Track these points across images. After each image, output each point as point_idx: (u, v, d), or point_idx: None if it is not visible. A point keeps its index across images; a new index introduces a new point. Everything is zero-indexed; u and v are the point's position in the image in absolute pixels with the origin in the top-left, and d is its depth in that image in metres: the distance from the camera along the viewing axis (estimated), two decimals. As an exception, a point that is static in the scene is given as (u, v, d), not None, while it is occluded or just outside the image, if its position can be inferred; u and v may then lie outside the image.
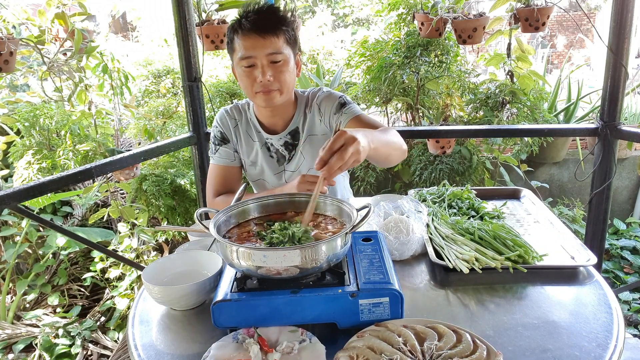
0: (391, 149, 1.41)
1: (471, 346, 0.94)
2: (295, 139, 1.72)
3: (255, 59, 1.51)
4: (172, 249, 3.40)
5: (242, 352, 0.98)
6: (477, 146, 3.47)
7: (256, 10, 1.52)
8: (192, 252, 1.32)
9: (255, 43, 1.49)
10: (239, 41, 1.52)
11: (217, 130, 1.76)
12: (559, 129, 3.29)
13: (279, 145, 1.73)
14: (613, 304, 1.14)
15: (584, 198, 3.89)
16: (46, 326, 2.94)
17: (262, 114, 1.72)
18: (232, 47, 1.57)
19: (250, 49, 1.50)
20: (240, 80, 1.59)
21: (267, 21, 1.50)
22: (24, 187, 1.88)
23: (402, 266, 1.36)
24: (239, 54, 1.52)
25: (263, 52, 1.50)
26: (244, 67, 1.53)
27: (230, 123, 1.75)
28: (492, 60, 2.99)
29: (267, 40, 1.49)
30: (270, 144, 1.73)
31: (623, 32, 2.17)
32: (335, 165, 1.08)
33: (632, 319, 2.98)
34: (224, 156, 1.75)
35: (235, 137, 1.75)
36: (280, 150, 1.73)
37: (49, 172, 3.09)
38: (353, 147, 1.09)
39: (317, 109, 1.70)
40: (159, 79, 3.97)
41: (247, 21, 1.50)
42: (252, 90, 1.56)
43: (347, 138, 1.10)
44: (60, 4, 2.69)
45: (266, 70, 1.51)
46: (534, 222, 1.61)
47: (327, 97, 1.69)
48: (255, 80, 1.53)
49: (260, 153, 1.74)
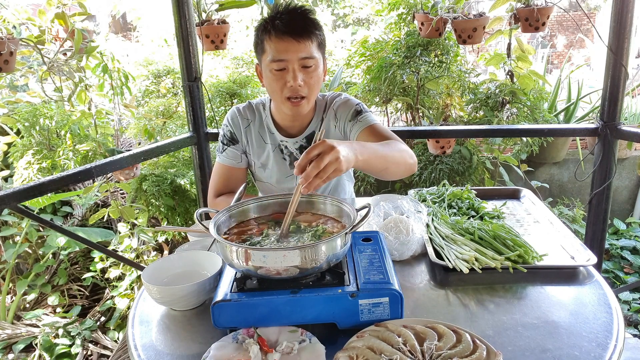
0: (389, 162, 1.38)
1: (471, 346, 0.94)
2: (310, 143, 1.66)
3: (287, 62, 1.46)
4: (172, 249, 3.40)
5: (242, 352, 0.98)
6: (477, 146, 3.47)
7: (289, 11, 1.47)
8: (192, 252, 1.32)
9: (289, 46, 1.44)
10: (271, 43, 1.46)
11: (227, 129, 1.73)
12: (559, 129, 3.29)
13: (293, 149, 1.70)
14: (613, 304, 1.14)
15: (584, 198, 3.89)
16: (46, 326, 2.94)
17: (281, 117, 1.67)
18: (261, 48, 1.51)
19: (283, 52, 1.45)
20: (268, 82, 1.53)
21: (301, 24, 1.46)
22: (24, 187, 1.88)
23: (402, 266, 1.36)
24: (269, 56, 1.47)
25: (296, 56, 1.45)
26: (274, 70, 1.48)
27: (242, 123, 1.71)
28: (492, 60, 2.99)
29: (301, 44, 1.45)
30: (284, 147, 1.70)
31: (623, 32, 2.17)
32: (311, 172, 1.06)
33: (632, 319, 2.98)
34: (230, 157, 1.72)
35: (246, 138, 1.72)
36: (295, 154, 1.70)
37: (49, 172, 3.09)
38: (331, 156, 1.06)
39: (333, 115, 1.67)
40: (159, 79, 3.97)
41: (280, 23, 1.44)
42: (281, 94, 1.51)
43: (325, 147, 1.07)
44: (60, 4, 2.69)
45: (297, 75, 1.47)
46: (534, 222, 1.61)
47: (344, 103, 1.66)
48: (285, 85, 1.48)
49: (272, 155, 1.71)
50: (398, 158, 1.41)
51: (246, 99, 3.56)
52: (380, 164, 1.34)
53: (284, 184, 1.75)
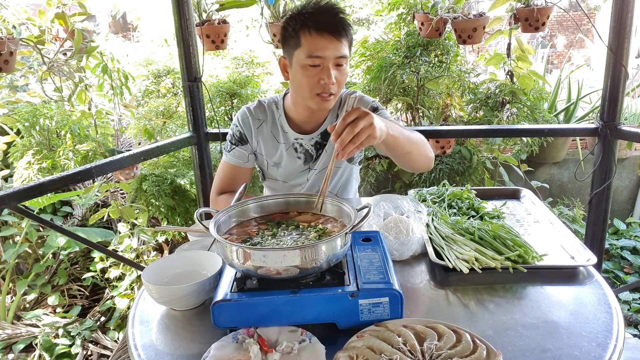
0: (413, 147, 1.44)
1: (471, 346, 0.94)
2: (324, 139, 1.71)
3: (324, 60, 1.46)
4: (172, 249, 3.40)
5: (242, 352, 0.98)
6: (477, 146, 3.47)
7: (327, 8, 1.48)
8: (192, 252, 1.32)
9: (329, 44, 1.45)
10: (310, 38, 1.45)
11: (236, 129, 1.73)
12: (559, 129, 3.29)
13: (309, 146, 1.71)
14: (613, 304, 1.14)
15: (584, 198, 3.89)
16: (46, 326, 2.94)
17: (298, 114, 1.67)
18: (296, 42, 1.48)
19: (323, 49, 1.45)
20: (297, 76, 1.52)
21: (339, 23, 1.46)
22: (24, 187, 1.88)
23: (402, 266, 1.36)
24: (305, 51, 1.46)
25: (333, 54, 1.46)
26: (309, 66, 1.47)
27: (253, 123, 1.71)
28: (492, 60, 2.99)
29: (339, 43, 1.46)
30: (299, 145, 1.71)
31: (623, 32, 2.17)
32: (346, 137, 1.10)
33: (632, 319, 2.98)
34: (237, 156, 1.73)
35: (257, 139, 1.72)
36: (310, 150, 1.71)
37: (49, 172, 3.09)
38: (365, 121, 1.12)
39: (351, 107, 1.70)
40: (159, 79, 3.97)
41: (321, 19, 1.45)
42: (311, 90, 1.51)
43: (360, 112, 1.12)
44: (60, 4, 2.69)
45: (332, 74, 1.47)
46: (534, 222, 1.61)
47: (360, 100, 1.70)
48: (318, 82, 1.48)
49: (286, 154, 1.72)
50: (421, 146, 1.48)
51: (246, 99, 3.56)
52: (406, 146, 1.40)
53: (294, 179, 1.76)
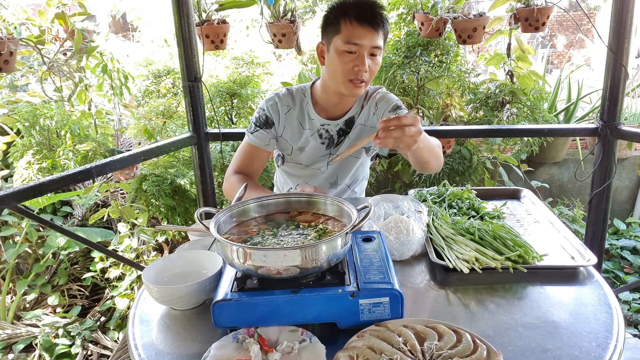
0: (432, 156, 1.56)
1: (471, 346, 0.94)
2: (349, 127, 1.80)
3: (360, 48, 1.56)
4: (172, 249, 3.40)
5: (242, 351, 0.98)
6: (477, 146, 3.47)
7: (368, 1, 1.58)
8: (192, 252, 1.32)
9: (367, 34, 1.55)
10: (350, 26, 1.55)
11: (262, 113, 1.79)
12: (559, 129, 3.29)
13: (334, 132, 1.79)
14: (613, 304, 1.14)
15: (584, 198, 3.89)
16: (46, 326, 2.94)
17: (327, 100, 1.76)
18: (336, 28, 1.58)
19: (360, 38, 1.54)
20: (333, 62, 1.61)
21: (379, 15, 1.56)
22: (24, 187, 1.88)
23: (402, 266, 1.36)
24: (343, 37, 1.56)
25: (370, 43, 1.56)
26: (345, 52, 1.57)
27: (282, 110, 1.78)
28: (492, 60, 2.99)
29: (376, 34, 1.56)
30: (325, 130, 1.79)
31: (623, 32, 2.17)
32: (394, 132, 1.22)
33: (632, 319, 2.99)
34: (260, 138, 1.78)
35: (284, 124, 1.79)
36: (333, 136, 1.80)
37: (49, 172, 3.09)
38: (416, 128, 1.24)
39: (374, 104, 1.78)
40: (159, 79, 3.97)
41: (362, 10, 1.55)
42: (345, 75, 1.60)
43: (417, 123, 1.24)
44: (60, 4, 2.69)
45: (365, 62, 1.57)
46: (534, 222, 1.61)
47: (385, 96, 1.79)
48: (352, 68, 1.57)
49: (311, 140, 1.80)
50: (437, 153, 1.59)
51: (246, 99, 3.56)
52: (427, 155, 1.52)
53: (316, 164, 1.84)
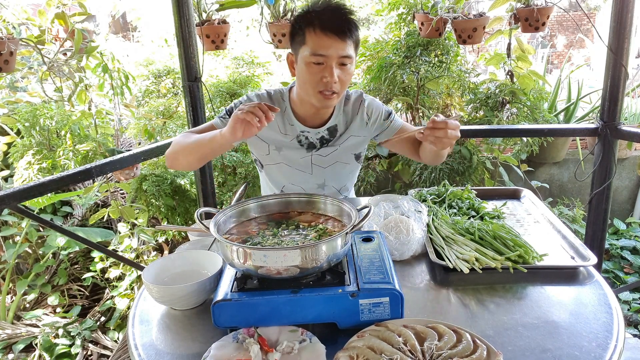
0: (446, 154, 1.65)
1: (471, 346, 0.94)
2: (332, 135, 1.73)
3: (327, 58, 1.49)
4: (172, 249, 3.40)
5: (242, 351, 0.98)
6: (477, 146, 3.47)
7: (335, 8, 1.51)
8: (192, 252, 1.32)
9: (333, 43, 1.48)
10: (315, 37, 1.48)
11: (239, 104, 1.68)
12: (559, 129, 3.29)
13: (315, 139, 1.72)
14: (613, 304, 1.14)
15: (584, 198, 3.89)
16: (46, 326, 2.94)
17: (305, 109, 1.69)
18: (302, 39, 1.52)
19: (326, 48, 1.48)
20: (302, 74, 1.55)
21: (345, 23, 1.49)
22: (24, 187, 1.88)
23: (402, 266, 1.36)
24: (309, 49, 1.49)
25: (337, 53, 1.49)
26: (312, 63, 1.51)
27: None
28: (492, 60, 2.99)
29: (343, 43, 1.49)
30: (304, 137, 1.72)
31: (623, 32, 2.18)
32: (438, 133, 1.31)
33: (632, 319, 2.98)
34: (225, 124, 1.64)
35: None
36: (314, 142, 1.73)
37: (49, 172, 3.09)
38: (456, 133, 1.33)
39: (365, 115, 1.74)
40: (160, 79, 3.97)
41: (327, 18, 1.48)
42: (314, 87, 1.54)
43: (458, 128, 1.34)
44: (60, 4, 2.69)
45: (334, 72, 1.50)
46: (534, 222, 1.61)
47: (373, 104, 1.76)
48: (321, 80, 1.51)
49: (290, 144, 1.73)
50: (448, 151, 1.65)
51: (246, 99, 3.55)
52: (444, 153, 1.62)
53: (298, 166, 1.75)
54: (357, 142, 1.76)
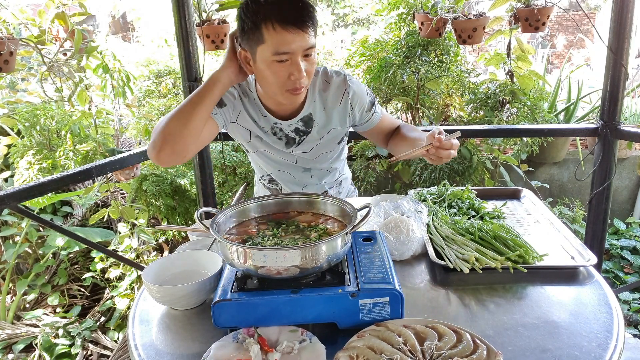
0: None
1: (471, 346, 0.94)
2: (308, 126, 1.60)
3: (292, 54, 1.34)
4: (172, 249, 3.40)
5: (242, 351, 0.98)
6: (477, 146, 3.47)
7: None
8: (192, 252, 1.32)
9: (295, 38, 1.32)
10: (274, 33, 1.31)
11: None
12: (559, 129, 3.29)
13: (289, 131, 1.60)
14: (613, 304, 1.14)
15: (584, 198, 3.89)
16: (46, 326, 2.94)
17: (270, 102, 1.55)
18: (257, 37, 1.34)
19: (289, 44, 1.32)
20: (264, 74, 1.40)
21: (304, 11, 1.33)
22: (24, 187, 1.88)
23: (402, 266, 1.36)
24: (270, 47, 1.33)
25: (301, 47, 1.34)
26: (277, 62, 1.35)
27: (234, 92, 1.56)
28: (492, 60, 2.99)
29: (306, 35, 1.33)
30: (279, 129, 1.60)
31: (623, 32, 2.17)
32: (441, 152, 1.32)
33: (632, 319, 2.99)
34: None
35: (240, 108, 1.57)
36: (290, 135, 1.61)
37: (49, 172, 3.09)
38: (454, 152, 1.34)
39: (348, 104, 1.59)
40: (160, 79, 3.97)
41: (284, 11, 1.31)
42: (281, 87, 1.40)
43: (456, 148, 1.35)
44: (60, 4, 2.70)
45: (301, 67, 1.36)
46: (534, 222, 1.61)
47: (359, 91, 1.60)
48: (288, 78, 1.37)
49: (265, 136, 1.63)
50: None
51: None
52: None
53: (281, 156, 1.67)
54: (339, 133, 1.66)
